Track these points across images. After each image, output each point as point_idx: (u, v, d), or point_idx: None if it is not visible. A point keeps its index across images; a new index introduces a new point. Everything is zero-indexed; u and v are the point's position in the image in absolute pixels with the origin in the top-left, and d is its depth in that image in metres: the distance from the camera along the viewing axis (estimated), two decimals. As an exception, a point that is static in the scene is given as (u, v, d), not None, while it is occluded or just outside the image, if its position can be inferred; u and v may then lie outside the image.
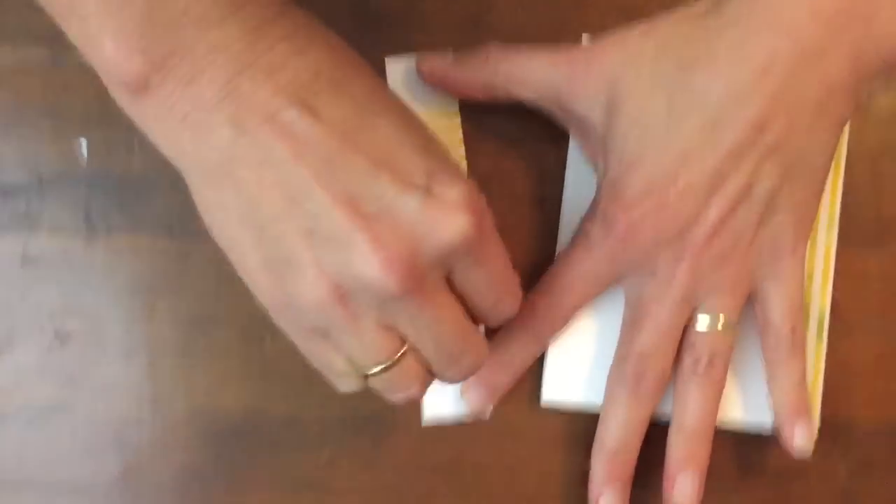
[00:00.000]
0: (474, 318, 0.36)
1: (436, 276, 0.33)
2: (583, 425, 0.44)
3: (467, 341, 0.35)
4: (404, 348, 0.34)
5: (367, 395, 0.44)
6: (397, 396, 0.36)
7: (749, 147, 0.38)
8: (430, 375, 0.36)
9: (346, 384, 0.36)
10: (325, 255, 0.32)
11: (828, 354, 0.44)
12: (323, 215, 0.31)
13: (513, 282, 0.36)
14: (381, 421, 0.44)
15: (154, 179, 0.44)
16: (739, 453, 0.45)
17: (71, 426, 0.44)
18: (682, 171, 0.39)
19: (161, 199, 0.44)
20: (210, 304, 0.44)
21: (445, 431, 0.44)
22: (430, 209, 0.31)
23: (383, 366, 0.34)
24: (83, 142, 0.44)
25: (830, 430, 0.45)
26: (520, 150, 0.44)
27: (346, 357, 0.34)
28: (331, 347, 0.34)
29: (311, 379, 0.44)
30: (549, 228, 0.44)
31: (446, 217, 0.32)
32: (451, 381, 0.36)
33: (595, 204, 0.41)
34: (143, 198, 0.44)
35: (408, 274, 0.31)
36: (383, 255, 0.31)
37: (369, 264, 0.31)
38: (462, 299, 0.35)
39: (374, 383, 0.35)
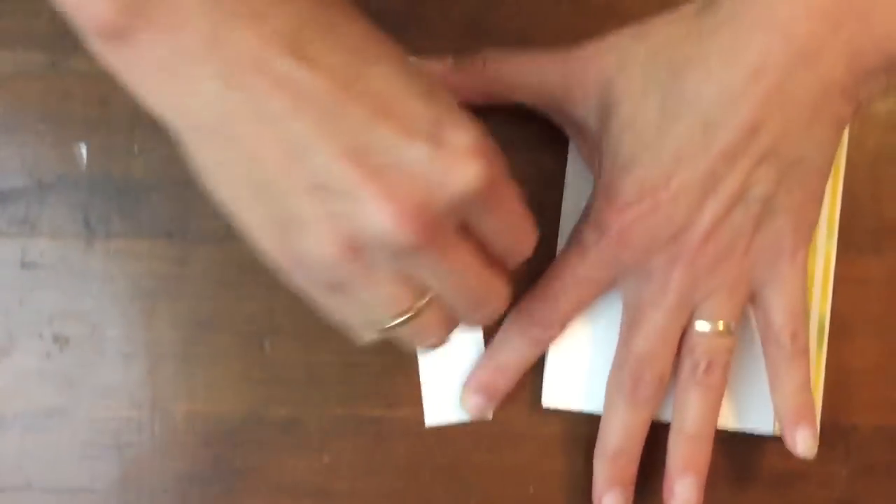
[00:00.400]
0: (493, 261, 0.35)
1: (451, 226, 0.32)
2: (584, 428, 0.44)
3: (489, 286, 0.34)
4: (426, 299, 0.33)
5: (367, 397, 0.44)
6: (420, 346, 0.35)
7: (743, 149, 0.38)
8: (452, 322, 0.35)
9: (366, 336, 0.35)
10: (334, 210, 0.30)
11: (829, 359, 0.44)
12: (328, 170, 0.29)
13: (528, 222, 0.35)
14: (381, 424, 0.44)
15: (153, 184, 0.44)
16: (740, 457, 0.45)
17: (70, 430, 0.44)
18: (674, 174, 0.38)
19: (160, 203, 0.44)
20: (209, 308, 0.44)
21: (446, 434, 0.44)
22: (439, 159, 0.30)
23: (403, 318, 0.33)
24: (83, 146, 0.44)
25: (831, 434, 0.45)
26: (519, 155, 0.44)
27: (364, 311, 0.33)
28: (348, 302, 0.33)
29: (310, 382, 0.44)
30: (548, 233, 0.44)
31: (457, 166, 0.30)
32: (477, 325, 0.36)
33: (589, 207, 0.41)
34: (143, 202, 0.44)
35: (422, 226, 0.30)
36: (395, 208, 0.29)
37: (381, 218, 0.30)
38: (480, 244, 0.34)
39: (396, 333, 0.34)
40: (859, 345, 0.45)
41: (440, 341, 0.35)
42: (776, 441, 0.44)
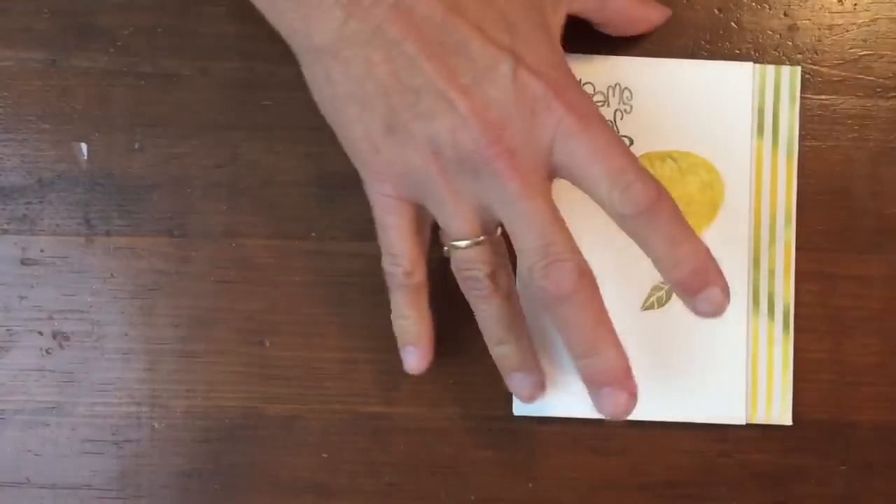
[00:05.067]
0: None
1: (535, 162, 0.35)
2: (583, 426, 0.44)
3: (557, 235, 0.37)
4: (493, 234, 0.38)
5: (366, 394, 0.44)
6: (464, 275, 0.38)
7: None
8: (505, 272, 0.39)
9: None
10: (428, 124, 0.35)
11: (829, 357, 0.44)
12: (427, 88, 0.34)
13: (619, 148, 0.37)
14: (380, 420, 0.44)
15: (153, 182, 0.44)
16: (739, 455, 0.45)
17: (70, 427, 0.44)
18: None
19: (160, 201, 0.44)
20: (209, 306, 0.44)
21: (445, 431, 0.44)
22: (520, 78, 0.35)
23: (467, 242, 0.37)
24: (83, 144, 0.44)
25: (831, 432, 0.44)
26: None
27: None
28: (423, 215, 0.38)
29: (310, 379, 0.44)
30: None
31: (537, 87, 0.35)
32: (536, 278, 0.37)
33: None
34: (143, 200, 0.44)
35: (501, 138, 0.35)
36: (483, 120, 0.34)
37: (468, 130, 0.34)
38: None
39: (454, 255, 0.38)
40: (859, 343, 0.45)
41: (483, 284, 0.38)
42: (776, 439, 0.44)
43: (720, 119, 0.44)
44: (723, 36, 0.45)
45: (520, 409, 0.44)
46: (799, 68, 0.45)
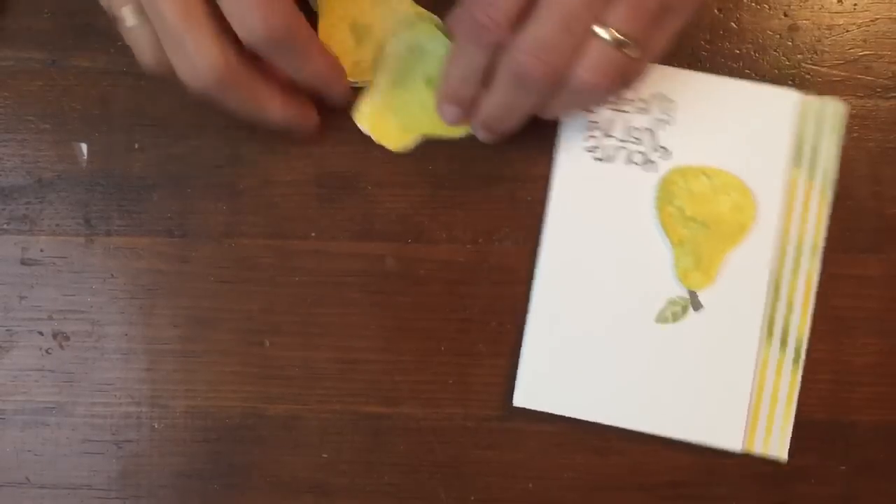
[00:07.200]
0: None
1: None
2: (582, 426, 0.44)
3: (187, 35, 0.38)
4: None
5: (366, 394, 0.44)
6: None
7: None
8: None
9: None
10: None
11: (828, 357, 0.44)
12: None
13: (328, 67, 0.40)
14: (380, 421, 0.44)
15: (153, 182, 0.44)
16: (739, 456, 0.45)
17: (69, 426, 0.44)
18: None
19: (160, 201, 0.44)
20: (209, 306, 0.44)
21: (445, 431, 0.44)
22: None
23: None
24: (83, 144, 0.44)
25: (831, 431, 0.44)
26: (513, 155, 0.44)
27: None
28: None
29: (310, 379, 0.44)
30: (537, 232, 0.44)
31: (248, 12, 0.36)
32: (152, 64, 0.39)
33: None
34: (143, 200, 0.44)
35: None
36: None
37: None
38: None
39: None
40: (859, 343, 0.45)
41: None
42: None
43: (759, 143, 0.44)
44: (723, 36, 0.45)
45: (519, 400, 0.44)
46: (844, 105, 0.44)
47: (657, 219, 0.44)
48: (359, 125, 0.44)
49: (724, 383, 0.44)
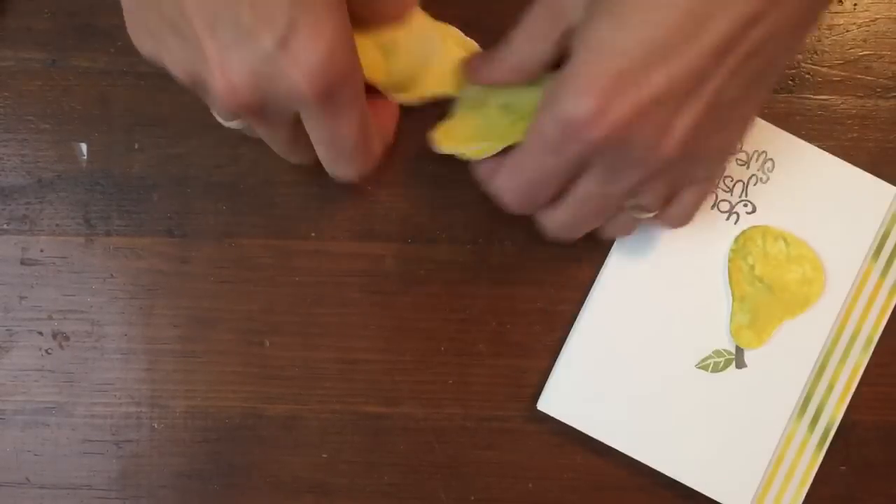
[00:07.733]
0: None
1: (280, 109, 0.35)
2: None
3: (292, 154, 0.40)
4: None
5: (366, 394, 0.44)
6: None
7: (734, 45, 0.33)
8: None
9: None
10: (184, 52, 0.34)
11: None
12: (183, 26, 0.33)
13: (355, 149, 0.38)
14: (380, 421, 0.44)
15: (153, 182, 0.44)
16: (738, 455, 0.45)
17: (69, 427, 0.44)
18: (656, 66, 0.33)
19: (160, 201, 0.44)
20: (208, 306, 0.44)
21: (445, 431, 0.44)
22: (279, 62, 0.33)
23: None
24: (83, 144, 0.44)
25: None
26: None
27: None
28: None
29: (310, 379, 0.44)
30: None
31: (292, 76, 0.33)
32: None
33: (554, 94, 0.35)
34: (143, 200, 0.44)
35: (247, 102, 0.34)
36: (226, 81, 0.34)
37: (216, 84, 0.34)
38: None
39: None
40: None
41: None
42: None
43: (845, 226, 0.44)
44: (723, 36, 0.45)
45: (543, 404, 0.44)
46: None
47: (726, 269, 0.44)
48: (440, 149, 0.42)
49: (746, 446, 0.44)
